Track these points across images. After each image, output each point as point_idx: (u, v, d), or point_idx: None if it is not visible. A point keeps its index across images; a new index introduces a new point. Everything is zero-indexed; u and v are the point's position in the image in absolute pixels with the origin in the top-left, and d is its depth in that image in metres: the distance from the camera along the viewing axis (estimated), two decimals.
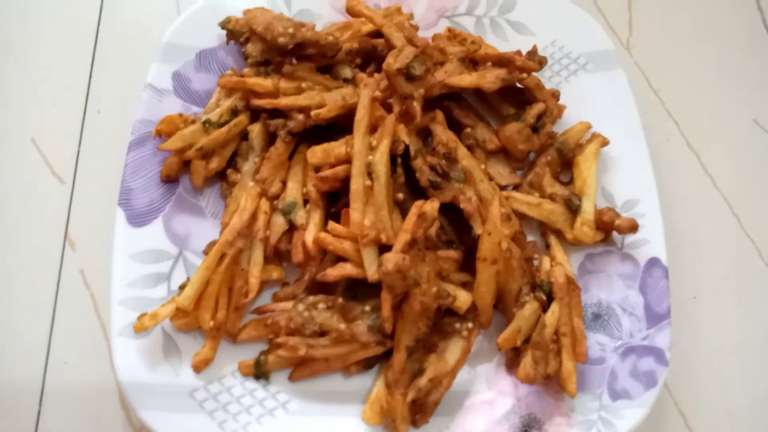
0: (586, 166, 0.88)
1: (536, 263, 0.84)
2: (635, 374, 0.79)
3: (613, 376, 0.80)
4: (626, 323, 0.83)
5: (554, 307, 0.79)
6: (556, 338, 0.78)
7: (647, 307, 0.83)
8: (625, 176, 0.90)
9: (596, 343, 0.82)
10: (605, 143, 0.90)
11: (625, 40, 1.11)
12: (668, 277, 0.84)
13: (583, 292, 0.84)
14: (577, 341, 0.79)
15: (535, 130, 0.89)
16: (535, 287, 0.81)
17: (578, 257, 0.87)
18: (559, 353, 0.78)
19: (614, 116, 0.93)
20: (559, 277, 0.80)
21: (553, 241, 0.87)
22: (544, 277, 0.81)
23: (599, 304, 0.84)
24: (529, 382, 0.75)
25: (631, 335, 0.82)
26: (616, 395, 0.78)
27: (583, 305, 0.83)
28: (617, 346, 0.82)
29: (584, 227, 0.85)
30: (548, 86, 0.94)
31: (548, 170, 0.89)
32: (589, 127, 0.92)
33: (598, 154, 0.90)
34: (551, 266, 0.83)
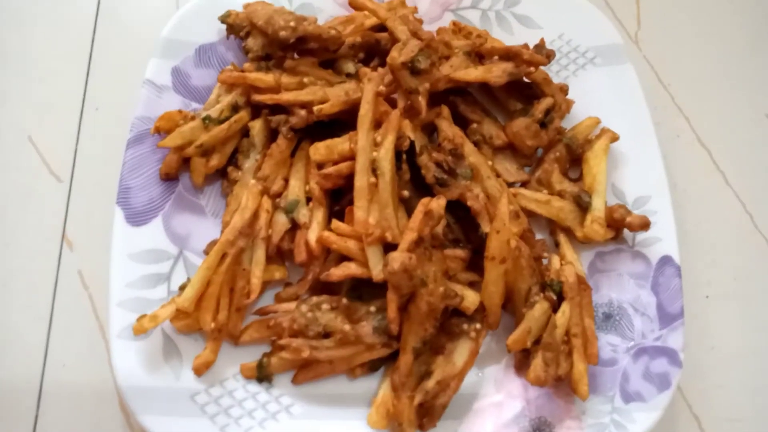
0: (595, 162, 0.87)
1: (545, 262, 0.83)
2: (648, 376, 0.78)
3: (625, 377, 0.79)
4: (638, 323, 0.82)
5: (565, 307, 0.78)
6: (566, 339, 0.77)
7: (660, 306, 0.82)
8: (635, 172, 0.90)
9: (608, 344, 0.81)
10: (615, 138, 0.89)
11: (633, 33, 1.10)
12: (681, 275, 0.83)
13: (593, 291, 0.83)
14: (588, 342, 0.78)
15: (543, 125, 0.88)
16: (544, 287, 0.80)
17: (588, 256, 0.86)
18: (570, 354, 0.77)
19: (624, 111, 0.93)
20: (569, 276, 0.79)
21: (562, 239, 0.86)
22: (553, 276, 0.80)
23: (610, 303, 0.83)
24: (539, 384, 0.74)
25: (643, 336, 0.81)
26: (628, 397, 0.77)
27: (593, 305, 0.82)
28: (629, 347, 0.81)
29: (594, 225, 0.84)
30: (556, 81, 0.93)
31: (557, 167, 0.88)
32: (598, 122, 0.91)
33: (607, 149, 0.89)
34: (561, 265, 0.82)
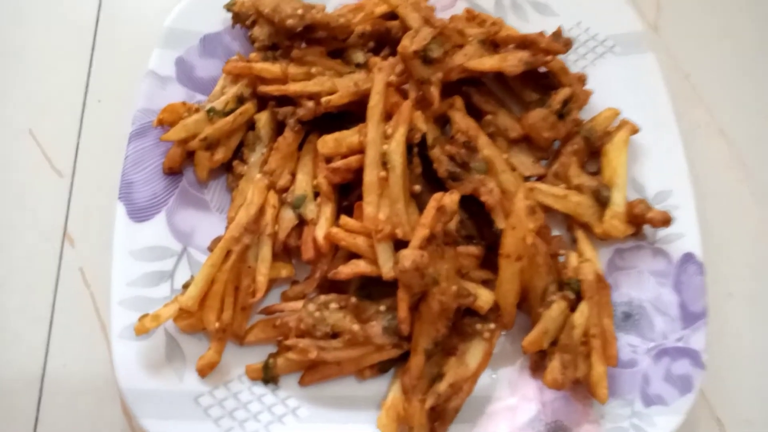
0: (615, 155, 0.85)
1: (562, 259, 0.82)
2: (669, 378, 0.77)
3: (645, 380, 0.77)
4: (659, 323, 0.80)
5: (583, 306, 0.76)
6: (585, 340, 0.75)
7: (682, 305, 0.80)
8: (656, 166, 0.88)
9: (627, 344, 0.79)
10: (635, 131, 0.87)
11: (652, 21, 1.07)
12: (704, 273, 0.81)
13: (612, 290, 0.81)
14: (607, 343, 0.76)
15: (560, 116, 0.86)
16: (562, 285, 0.78)
17: (607, 253, 0.84)
18: (588, 356, 0.75)
19: (644, 102, 0.91)
20: (588, 274, 0.77)
21: (580, 235, 0.84)
22: (571, 274, 0.78)
23: (630, 302, 0.81)
24: (556, 387, 0.73)
25: (664, 336, 0.79)
26: (649, 401, 0.76)
27: (612, 304, 0.80)
28: (650, 347, 0.79)
29: (614, 220, 0.82)
30: (573, 70, 0.92)
31: (575, 160, 0.86)
32: (617, 113, 0.89)
33: (627, 142, 0.87)
34: (579, 263, 0.80)
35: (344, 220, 0.77)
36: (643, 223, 0.82)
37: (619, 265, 0.83)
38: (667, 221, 0.81)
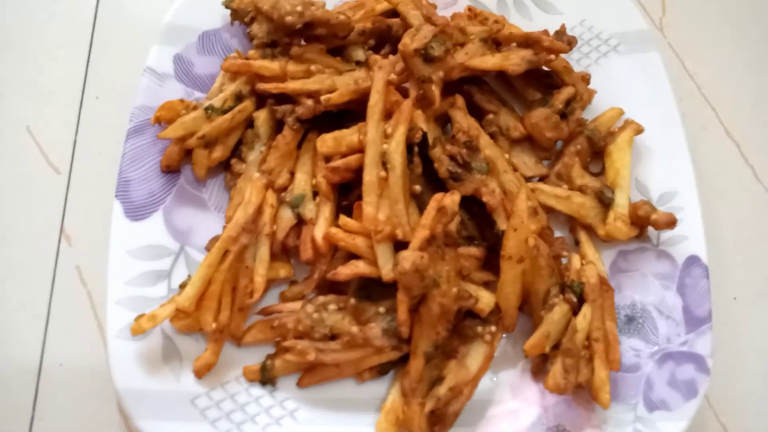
0: (619, 155, 0.85)
1: (565, 262, 0.81)
2: (673, 383, 0.76)
3: (649, 384, 0.76)
4: (663, 327, 0.79)
5: (586, 309, 0.75)
6: (587, 344, 0.75)
7: (686, 309, 0.80)
8: (661, 167, 0.87)
9: (630, 348, 0.78)
10: (639, 131, 0.87)
11: (657, 19, 1.07)
12: (709, 276, 0.80)
13: (615, 292, 0.80)
14: (610, 347, 0.75)
15: (563, 116, 0.86)
16: (564, 288, 0.77)
17: (610, 255, 0.84)
18: (590, 360, 0.74)
19: (648, 102, 0.90)
20: (591, 277, 0.76)
21: (583, 237, 0.83)
22: (574, 276, 0.78)
23: (633, 306, 0.81)
24: (558, 392, 0.72)
25: (668, 340, 0.78)
26: (652, 406, 0.75)
27: (615, 307, 0.79)
28: (653, 352, 0.78)
29: (618, 222, 0.81)
30: (577, 69, 0.91)
31: (578, 160, 0.85)
32: (621, 113, 0.89)
33: (631, 142, 0.86)
34: (582, 265, 0.79)
35: (343, 220, 0.76)
36: (647, 224, 0.82)
37: (622, 267, 0.83)
38: (671, 223, 0.80)
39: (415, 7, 0.85)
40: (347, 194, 0.81)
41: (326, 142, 0.79)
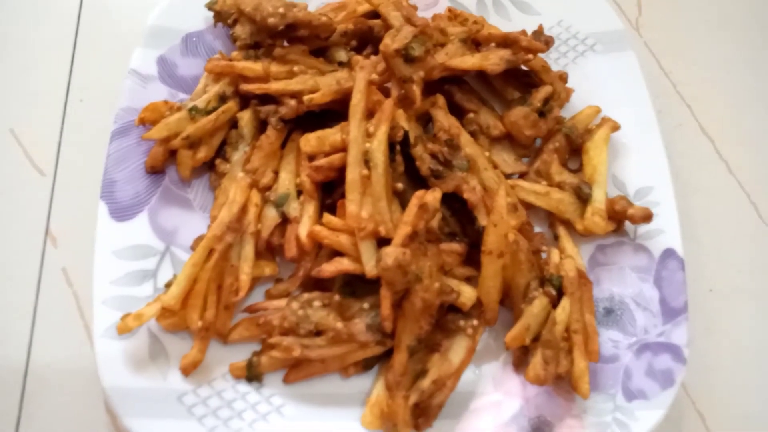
0: (596, 152, 0.86)
1: (544, 256, 0.82)
2: (651, 373, 0.77)
3: (627, 375, 0.77)
4: (641, 319, 0.80)
5: (565, 302, 0.76)
6: (566, 336, 0.75)
7: (663, 301, 0.81)
8: (637, 163, 0.88)
9: (609, 340, 0.79)
10: (616, 128, 0.88)
11: (634, 19, 1.08)
12: (684, 269, 0.82)
13: (594, 285, 0.81)
14: (589, 339, 0.76)
15: (541, 114, 0.87)
16: (543, 282, 0.78)
17: (588, 249, 0.84)
18: (570, 352, 0.75)
19: (625, 100, 0.91)
20: (569, 270, 0.77)
21: (562, 232, 0.84)
22: (553, 270, 0.79)
23: (611, 298, 0.82)
24: (539, 383, 0.73)
25: (645, 331, 0.79)
26: (631, 395, 0.76)
27: (594, 300, 0.80)
28: (631, 343, 0.79)
29: (595, 217, 0.82)
30: (555, 68, 0.92)
31: (556, 157, 0.86)
32: (598, 111, 0.90)
33: (608, 139, 0.87)
34: (561, 259, 0.80)
35: (327, 218, 0.76)
36: (624, 219, 0.83)
37: (600, 261, 0.84)
38: (647, 217, 0.81)
39: (395, 8, 0.85)
40: (331, 192, 0.81)
41: (310, 141, 0.79)
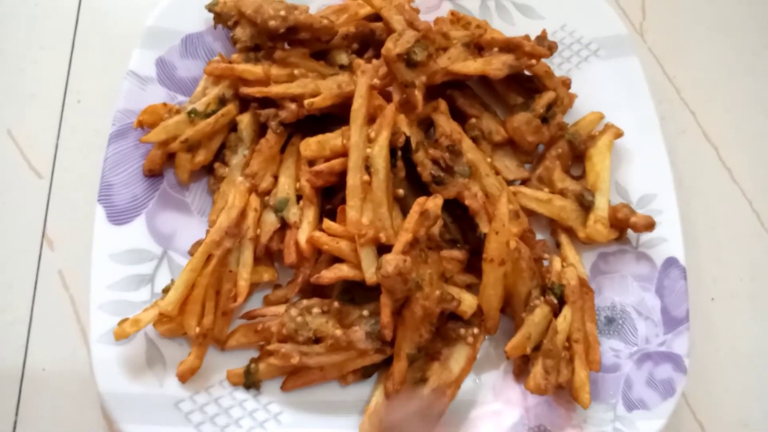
0: (599, 159, 0.85)
1: (546, 264, 0.81)
2: (652, 383, 0.77)
3: (628, 384, 0.77)
4: (642, 328, 0.80)
5: (566, 311, 0.76)
6: (568, 345, 0.75)
7: (664, 310, 0.80)
8: (640, 170, 0.88)
9: (610, 349, 0.79)
10: (619, 134, 0.87)
11: (638, 24, 1.07)
12: (686, 278, 0.81)
13: (595, 294, 0.81)
14: (590, 348, 0.76)
15: (544, 120, 0.86)
16: (545, 290, 0.78)
17: (590, 257, 0.84)
18: (571, 361, 0.75)
19: (628, 106, 0.91)
20: (571, 279, 0.77)
21: (564, 239, 0.84)
22: (555, 278, 0.78)
23: (613, 307, 0.81)
24: (539, 393, 0.72)
25: (647, 341, 0.79)
26: (631, 405, 0.76)
27: (595, 309, 0.80)
28: (632, 352, 0.79)
29: (598, 225, 0.82)
30: (558, 73, 0.91)
31: (559, 164, 0.86)
32: (601, 117, 0.89)
33: (611, 146, 0.87)
34: (562, 267, 0.80)
35: (327, 223, 0.76)
36: (626, 227, 0.82)
37: (602, 269, 0.83)
38: (650, 226, 0.81)
39: (397, 11, 0.84)
40: (331, 198, 0.81)
41: (310, 146, 0.79)
